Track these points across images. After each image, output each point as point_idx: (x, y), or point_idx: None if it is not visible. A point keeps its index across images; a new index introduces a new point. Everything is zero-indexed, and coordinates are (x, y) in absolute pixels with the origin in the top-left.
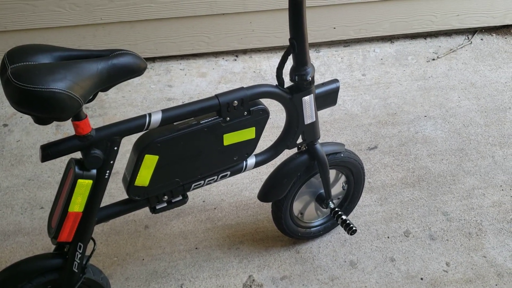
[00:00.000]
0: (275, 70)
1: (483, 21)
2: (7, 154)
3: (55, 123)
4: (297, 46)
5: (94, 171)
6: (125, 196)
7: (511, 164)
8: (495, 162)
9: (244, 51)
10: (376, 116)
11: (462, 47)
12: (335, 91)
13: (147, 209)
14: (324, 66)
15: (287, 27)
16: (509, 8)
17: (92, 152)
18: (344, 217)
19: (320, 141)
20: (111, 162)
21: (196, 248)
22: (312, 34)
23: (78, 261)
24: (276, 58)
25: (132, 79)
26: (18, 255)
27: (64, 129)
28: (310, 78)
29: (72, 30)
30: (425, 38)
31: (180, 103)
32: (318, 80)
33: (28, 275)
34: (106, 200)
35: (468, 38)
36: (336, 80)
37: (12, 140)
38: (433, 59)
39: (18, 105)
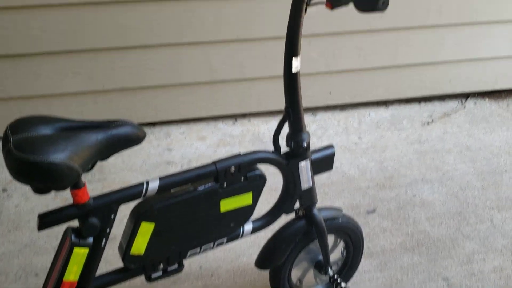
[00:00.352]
0: (273, 133)
1: (475, 86)
2: (5, 220)
3: None
4: (293, 114)
5: (90, 239)
6: (121, 262)
7: (510, 227)
8: (494, 226)
9: (243, 115)
10: (374, 179)
11: (456, 111)
12: (331, 157)
13: (143, 277)
14: (321, 129)
15: (284, 92)
16: (498, 74)
17: (89, 220)
18: (343, 284)
19: (318, 204)
20: (108, 230)
21: None
22: (309, 99)
23: None
24: (274, 122)
25: None
26: None
27: (63, 194)
28: (306, 144)
29: (74, 96)
30: (419, 102)
31: (179, 167)
32: (315, 142)
33: None
34: (102, 266)
35: (462, 102)
36: (331, 146)
37: (10, 205)
38: (428, 123)
39: (19, 175)
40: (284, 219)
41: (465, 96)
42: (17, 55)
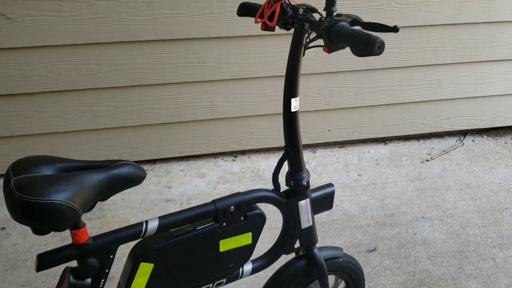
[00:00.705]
0: (273, 170)
1: (473, 124)
2: (2, 259)
3: None
4: (292, 153)
5: (89, 280)
6: None
7: None
8: (496, 264)
9: (243, 152)
10: (374, 217)
11: (454, 148)
12: (331, 195)
13: None
14: (320, 166)
15: (283, 131)
16: (496, 112)
17: (88, 260)
18: None
19: (318, 243)
20: (107, 270)
21: None
22: (308, 135)
23: None
24: (273, 158)
25: None
26: None
27: (62, 232)
28: (305, 183)
29: (76, 134)
30: (418, 140)
31: (178, 204)
32: (315, 179)
33: None
34: None
35: (460, 139)
36: (331, 184)
37: (8, 244)
38: (427, 160)
39: (19, 216)
40: (284, 257)
41: (464, 133)
42: (20, 94)
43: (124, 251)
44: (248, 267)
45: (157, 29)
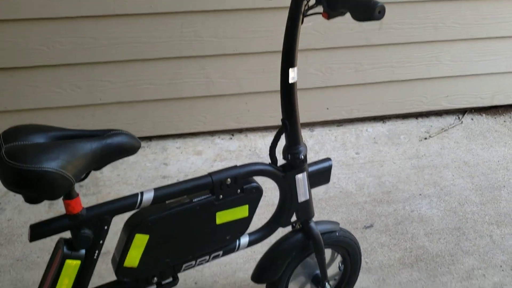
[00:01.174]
0: (269, 145)
1: (472, 102)
2: None
3: (47, 201)
4: (289, 127)
5: (83, 251)
6: (114, 278)
7: (510, 243)
8: (493, 241)
9: (240, 130)
10: (371, 194)
11: (453, 127)
12: (328, 169)
13: None
14: (318, 144)
15: (280, 104)
16: (496, 90)
17: (82, 231)
18: None
19: (315, 220)
20: (101, 242)
21: None
22: (306, 114)
23: None
24: (271, 137)
25: (127, 157)
26: None
27: (57, 207)
28: (302, 156)
29: (72, 109)
30: (416, 118)
31: (175, 180)
32: (312, 158)
33: None
34: (95, 281)
35: (459, 118)
36: (328, 159)
37: (3, 219)
38: (425, 138)
39: (10, 184)
40: (280, 232)
41: (462, 111)
42: (14, 68)
43: (119, 226)
44: (244, 239)
45: (151, 1)
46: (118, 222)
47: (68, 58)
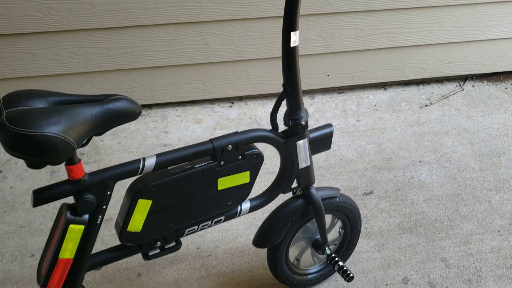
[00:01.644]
0: (269, 116)
1: (473, 69)
2: (0, 201)
3: (49, 169)
4: (291, 91)
5: (86, 216)
6: (117, 243)
7: (508, 209)
8: (492, 207)
9: (240, 98)
10: (371, 161)
11: (454, 94)
12: (329, 136)
13: (140, 256)
14: (318, 112)
15: (281, 74)
16: (498, 56)
17: (85, 197)
18: (341, 263)
19: (315, 186)
20: (104, 207)
21: None
22: (307, 81)
23: None
24: (270, 105)
25: (128, 126)
26: None
27: (59, 175)
28: (304, 122)
29: (69, 77)
30: (417, 85)
31: None
32: (312, 125)
33: None
34: (98, 248)
35: (460, 85)
36: (329, 125)
37: (5, 186)
38: (426, 105)
39: (11, 149)
40: (281, 199)
41: (464, 78)
42: (10, 34)
43: (122, 193)
44: (246, 205)
45: None
46: (120, 190)
47: (64, 24)
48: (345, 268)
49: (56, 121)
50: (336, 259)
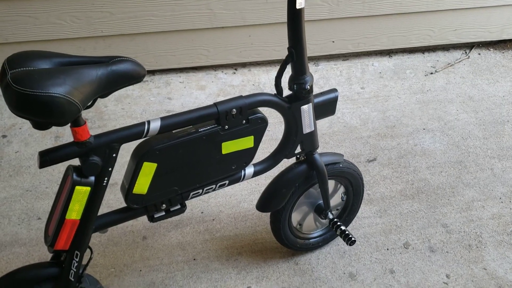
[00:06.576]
0: (273, 83)
1: (480, 36)
2: (6, 165)
3: (54, 134)
4: (296, 55)
5: (92, 178)
6: (123, 206)
7: (510, 176)
8: (494, 174)
9: (243, 65)
10: (375, 129)
11: (459, 61)
12: (334, 101)
13: (145, 220)
14: (323, 79)
15: (286, 40)
16: (505, 23)
17: (91, 159)
18: (343, 227)
19: (318, 151)
20: (110, 169)
21: (194, 259)
22: (311, 47)
23: (75, 270)
24: (274, 72)
25: (131, 92)
26: (14, 266)
27: (63, 140)
28: (308, 87)
29: (72, 42)
30: (423, 53)
31: None
32: (316, 92)
33: (24, 284)
34: (103, 211)
35: (466, 52)
36: (334, 90)
37: (10, 151)
38: (431, 73)
39: (17, 109)
40: (285, 164)
41: (470, 46)
42: None
43: (127, 158)
44: (250, 170)
45: None
46: (125, 155)
47: None
48: (347, 232)
49: (62, 81)
50: (339, 223)
